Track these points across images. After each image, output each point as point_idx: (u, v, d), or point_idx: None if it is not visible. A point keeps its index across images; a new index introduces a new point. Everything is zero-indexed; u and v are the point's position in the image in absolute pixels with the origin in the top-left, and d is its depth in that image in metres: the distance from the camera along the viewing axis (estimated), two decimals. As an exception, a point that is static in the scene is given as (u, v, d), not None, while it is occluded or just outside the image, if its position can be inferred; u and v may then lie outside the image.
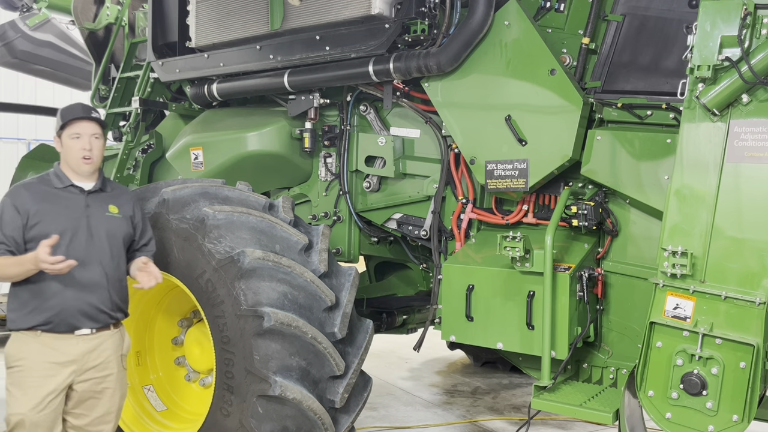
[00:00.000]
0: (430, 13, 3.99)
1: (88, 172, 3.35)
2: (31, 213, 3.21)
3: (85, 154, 3.31)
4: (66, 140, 3.34)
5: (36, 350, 3.19)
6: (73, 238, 3.23)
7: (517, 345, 3.74)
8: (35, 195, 3.28)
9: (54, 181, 3.35)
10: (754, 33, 2.99)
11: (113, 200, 3.43)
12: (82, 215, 3.29)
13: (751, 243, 2.97)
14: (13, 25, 6.97)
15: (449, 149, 4.22)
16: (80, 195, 3.34)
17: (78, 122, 3.32)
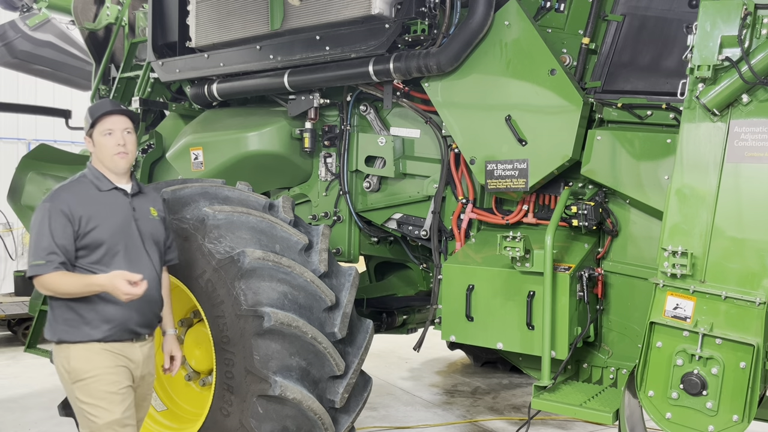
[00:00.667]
0: (430, 13, 3.99)
1: (125, 168, 3.20)
2: (83, 218, 3.03)
3: (120, 150, 3.15)
4: (98, 138, 3.17)
5: (105, 357, 3.06)
6: (128, 244, 3.12)
7: (517, 345, 3.74)
8: (82, 199, 3.09)
9: (96, 183, 3.17)
10: (754, 33, 2.99)
11: (151, 201, 3.34)
12: (131, 219, 3.17)
13: (751, 243, 2.97)
14: (13, 25, 6.97)
15: (449, 149, 4.22)
16: (125, 198, 3.21)
17: (108, 118, 3.17)
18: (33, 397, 6.47)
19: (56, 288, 2.98)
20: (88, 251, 3.04)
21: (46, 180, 6.05)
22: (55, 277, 2.96)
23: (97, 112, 3.18)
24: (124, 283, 2.88)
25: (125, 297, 2.90)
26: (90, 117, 3.18)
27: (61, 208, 3.02)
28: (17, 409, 6.11)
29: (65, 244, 2.99)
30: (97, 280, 2.96)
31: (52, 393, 6.40)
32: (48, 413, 5.79)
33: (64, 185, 3.19)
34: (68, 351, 3.06)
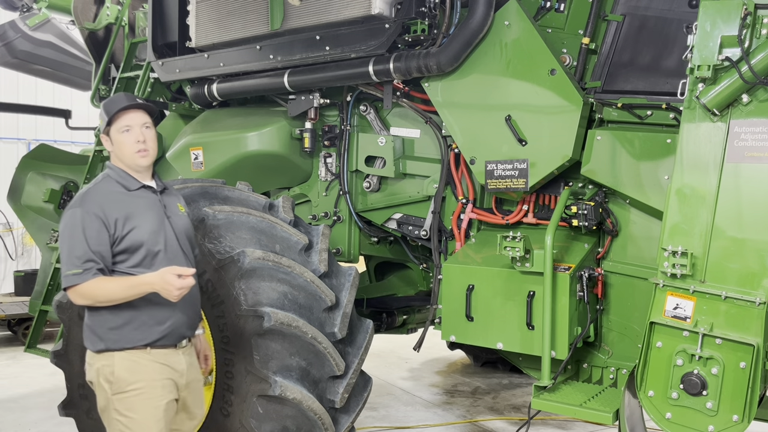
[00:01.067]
0: (430, 13, 3.99)
1: (145, 166, 3.02)
2: (119, 221, 2.87)
3: (140, 147, 2.97)
4: (116, 136, 2.98)
5: (152, 369, 2.90)
6: (167, 243, 2.97)
7: (517, 345, 3.74)
8: (113, 200, 2.92)
9: (123, 183, 3.00)
10: (754, 33, 2.99)
11: (176, 197, 3.20)
12: (164, 217, 3.01)
13: (751, 243, 2.97)
14: (13, 25, 6.98)
15: (449, 149, 4.22)
16: (155, 196, 3.05)
17: (125, 113, 2.98)
18: (33, 397, 6.47)
19: (97, 296, 2.81)
20: (128, 255, 2.88)
21: (46, 180, 6.06)
22: (95, 284, 2.79)
23: (113, 108, 2.98)
24: (174, 277, 2.72)
25: (177, 293, 2.73)
26: (106, 114, 2.99)
27: (95, 212, 2.84)
28: (17, 409, 6.12)
29: (101, 250, 2.82)
30: (144, 279, 2.80)
31: (52, 393, 6.40)
32: (48, 413, 5.79)
33: (91, 188, 2.99)
34: (112, 359, 2.88)
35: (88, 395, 4.14)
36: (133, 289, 2.81)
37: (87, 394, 4.14)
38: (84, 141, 11.32)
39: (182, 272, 2.76)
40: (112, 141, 3.01)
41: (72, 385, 4.22)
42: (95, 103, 6.25)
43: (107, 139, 3.02)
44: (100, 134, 3.10)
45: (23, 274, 9.58)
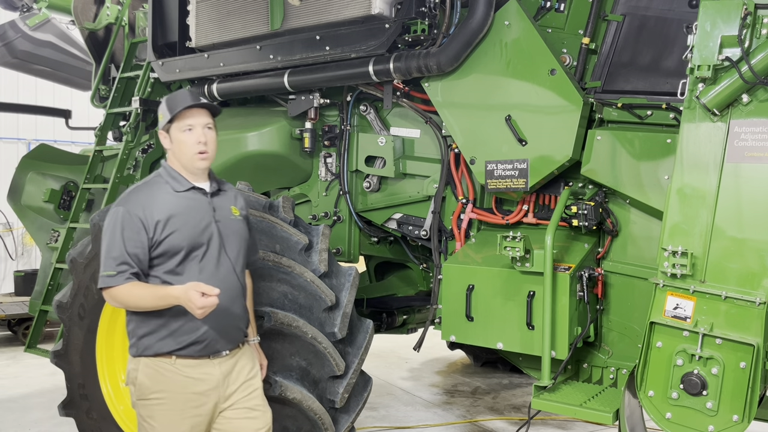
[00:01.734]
0: (430, 13, 3.99)
1: (203, 169, 2.92)
2: (159, 224, 2.76)
3: (200, 148, 2.86)
4: (176, 134, 2.88)
5: (176, 381, 2.82)
6: (207, 251, 2.84)
7: (517, 345, 3.74)
8: (157, 202, 2.82)
9: (172, 183, 2.89)
10: (754, 33, 2.99)
11: (231, 199, 3.05)
12: (212, 221, 2.88)
13: (751, 243, 2.97)
14: (13, 25, 6.98)
15: (449, 149, 4.22)
16: (204, 198, 2.92)
17: (189, 112, 2.86)
18: (33, 397, 6.47)
19: (127, 301, 2.76)
20: (165, 259, 2.78)
21: (46, 180, 6.06)
22: (126, 289, 2.72)
23: (177, 105, 2.86)
24: (197, 296, 2.60)
25: (199, 312, 2.62)
26: (168, 110, 2.87)
27: (136, 213, 2.76)
28: (17, 409, 6.12)
29: (138, 253, 2.74)
30: (171, 291, 2.70)
31: (52, 393, 6.40)
32: (48, 413, 5.79)
33: (137, 186, 2.92)
34: (138, 364, 2.86)
35: (88, 395, 4.14)
36: (161, 300, 2.73)
37: (87, 394, 4.15)
38: (84, 141, 11.32)
39: (206, 291, 2.62)
40: (171, 139, 2.91)
41: (72, 385, 4.23)
42: (95, 103, 6.25)
43: (166, 136, 2.92)
44: (158, 131, 2.99)
45: (23, 274, 9.59)
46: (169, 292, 2.71)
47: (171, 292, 2.70)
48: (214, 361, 2.88)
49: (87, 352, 4.13)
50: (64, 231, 5.61)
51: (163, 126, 2.91)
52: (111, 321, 4.12)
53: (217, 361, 2.89)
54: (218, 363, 2.89)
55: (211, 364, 2.87)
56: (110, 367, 4.16)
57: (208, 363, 2.87)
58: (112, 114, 5.77)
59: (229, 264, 2.90)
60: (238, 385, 2.95)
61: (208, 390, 2.86)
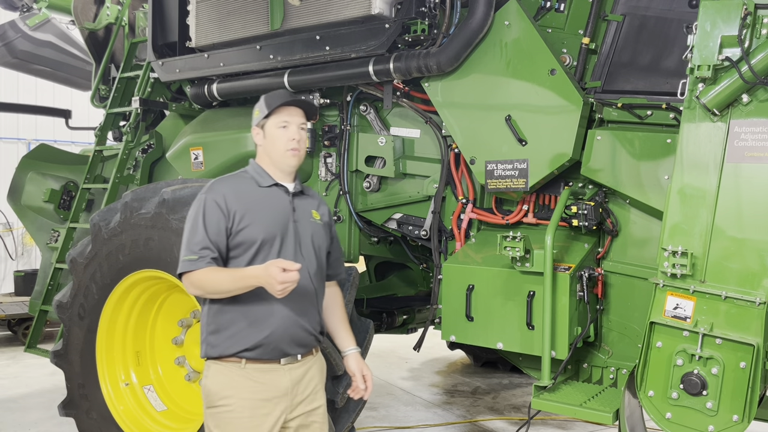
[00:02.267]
0: (430, 13, 3.99)
1: (293, 168, 2.91)
2: (237, 214, 2.77)
3: (293, 146, 2.86)
4: (271, 130, 2.88)
5: (244, 386, 2.74)
6: (282, 246, 2.81)
7: (517, 345, 3.74)
8: (239, 194, 2.82)
9: (257, 178, 2.90)
10: (754, 33, 2.99)
11: (314, 204, 3.02)
12: (290, 220, 2.86)
13: (751, 243, 2.97)
14: (13, 25, 6.98)
15: (449, 149, 4.22)
16: (286, 196, 2.90)
17: (286, 109, 2.89)
18: (33, 397, 6.47)
19: (206, 285, 2.72)
20: (241, 251, 2.77)
21: (46, 180, 6.06)
22: (205, 273, 2.70)
23: (276, 101, 2.89)
24: (278, 270, 2.55)
25: (280, 287, 2.56)
26: (266, 106, 2.89)
27: (217, 201, 2.77)
28: (17, 409, 6.12)
29: (218, 240, 2.74)
30: (249, 271, 2.66)
31: (52, 393, 6.40)
32: (48, 413, 5.80)
33: (222, 178, 2.94)
34: (208, 369, 2.81)
35: (88, 395, 4.15)
36: (239, 281, 2.67)
37: (87, 394, 4.15)
38: (84, 141, 11.32)
39: (288, 266, 2.57)
40: (265, 134, 2.91)
41: (72, 385, 4.23)
42: (95, 103, 6.25)
43: (260, 132, 2.92)
44: (252, 127, 2.97)
45: (23, 274, 9.59)
46: (248, 272, 2.66)
47: (250, 272, 2.65)
48: (285, 366, 2.79)
49: (87, 352, 4.14)
50: (64, 231, 5.61)
51: (258, 122, 2.91)
52: (111, 321, 4.12)
53: (288, 367, 2.80)
54: (288, 369, 2.80)
55: (282, 370, 2.79)
56: (110, 367, 4.16)
57: (278, 368, 2.78)
58: (112, 114, 5.77)
59: (303, 265, 2.78)
60: (305, 396, 2.86)
61: (277, 397, 2.77)
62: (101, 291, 4.07)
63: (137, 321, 4.21)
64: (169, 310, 4.29)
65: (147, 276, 3.93)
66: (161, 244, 3.75)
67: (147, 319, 4.28)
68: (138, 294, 4.11)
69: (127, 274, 3.97)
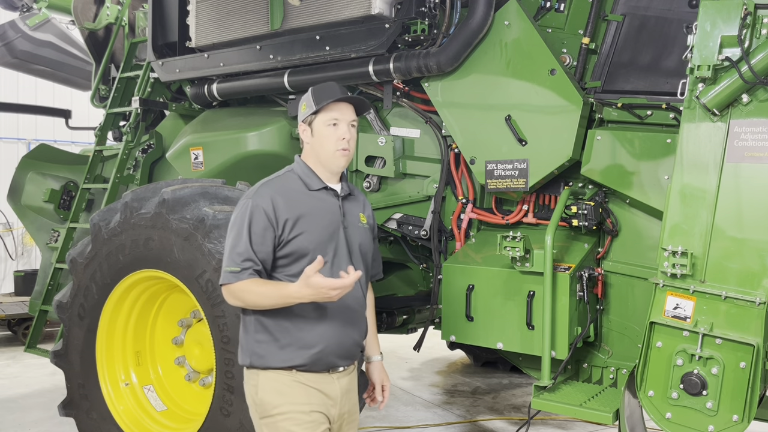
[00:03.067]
0: (430, 13, 3.99)
1: (342, 167, 2.72)
2: (288, 222, 2.58)
3: (343, 146, 2.66)
4: (320, 128, 2.67)
5: (300, 392, 2.60)
6: (336, 255, 2.64)
7: (517, 345, 3.74)
8: (288, 199, 2.62)
9: (305, 180, 2.70)
10: (754, 33, 2.99)
11: (360, 206, 2.85)
12: (340, 226, 2.68)
13: (751, 243, 2.97)
14: (13, 25, 6.97)
15: (449, 149, 4.22)
16: (335, 201, 2.72)
17: (337, 106, 2.67)
18: (33, 397, 6.47)
19: (247, 298, 2.56)
20: (289, 261, 2.59)
21: (46, 180, 6.06)
22: (247, 285, 2.54)
23: (325, 96, 2.66)
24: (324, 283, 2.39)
25: (335, 293, 2.41)
26: (315, 101, 2.67)
27: (264, 208, 2.57)
28: (17, 409, 6.11)
29: (263, 250, 2.56)
30: (296, 293, 2.46)
31: (52, 393, 6.40)
32: (48, 413, 5.79)
33: (269, 180, 2.71)
34: (257, 379, 2.64)
35: (88, 395, 4.15)
36: (284, 299, 2.51)
37: (87, 394, 4.15)
38: (84, 141, 11.32)
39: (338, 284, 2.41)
40: (312, 132, 2.70)
41: (72, 385, 4.23)
42: (95, 103, 6.25)
43: (307, 129, 2.72)
44: (298, 123, 2.78)
45: (23, 274, 9.59)
46: (293, 293, 2.47)
47: (296, 293, 2.46)
48: (333, 375, 2.68)
49: (87, 352, 4.14)
50: (64, 231, 5.61)
51: (305, 117, 2.71)
52: (111, 321, 4.12)
53: (336, 376, 2.69)
54: (337, 378, 2.69)
55: (331, 379, 2.67)
56: (110, 367, 4.16)
57: (327, 378, 2.66)
58: (112, 114, 5.77)
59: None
60: (348, 407, 2.76)
61: (330, 404, 2.66)
62: (101, 291, 4.07)
63: (137, 321, 4.21)
64: (169, 310, 4.29)
65: (147, 276, 3.93)
66: (161, 244, 3.75)
67: (147, 319, 4.28)
68: (138, 294, 4.11)
69: (127, 274, 3.97)
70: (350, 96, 2.70)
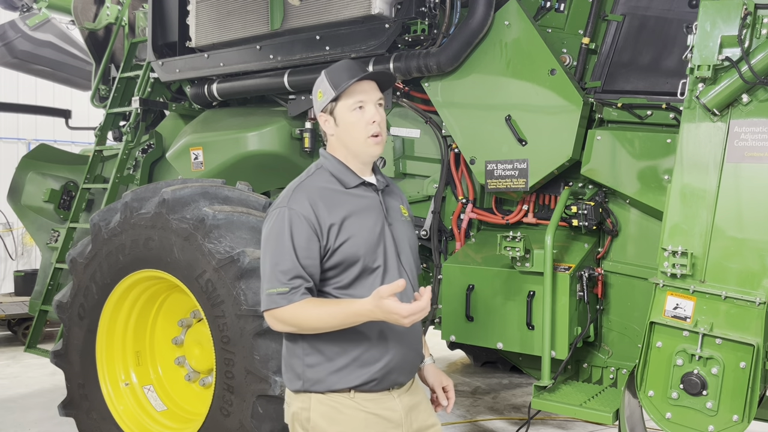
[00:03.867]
0: (430, 13, 3.99)
1: (376, 156, 2.42)
2: (332, 228, 2.27)
3: (374, 130, 2.35)
4: (344, 115, 2.36)
5: (357, 419, 2.31)
6: (387, 259, 2.36)
7: (517, 345, 3.74)
8: (328, 201, 2.31)
9: (340, 178, 2.39)
10: (754, 33, 2.99)
11: (398, 198, 2.56)
12: (384, 224, 2.39)
13: (751, 243, 2.97)
14: (13, 25, 6.98)
15: (449, 149, 4.22)
16: (375, 196, 2.43)
17: (359, 86, 2.35)
18: (33, 397, 6.47)
19: (302, 322, 2.24)
20: (338, 271, 2.30)
21: (46, 180, 6.07)
22: (301, 308, 2.22)
23: (344, 77, 2.33)
24: (396, 305, 2.11)
25: (408, 321, 2.13)
26: (332, 86, 2.35)
27: (305, 215, 2.26)
28: (17, 409, 6.11)
29: (312, 264, 2.25)
30: (363, 311, 2.17)
31: (52, 393, 6.40)
32: (48, 413, 5.79)
33: (301, 183, 2.38)
34: (309, 402, 2.34)
35: (88, 395, 4.15)
36: (349, 318, 2.21)
37: (87, 394, 4.15)
38: (84, 141, 11.33)
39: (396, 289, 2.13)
40: (336, 121, 2.38)
41: (72, 385, 4.23)
42: (95, 103, 6.25)
43: (329, 119, 2.40)
44: (316, 114, 2.48)
45: (23, 274, 9.59)
46: (358, 311, 2.18)
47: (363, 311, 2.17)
48: (394, 393, 2.40)
49: (87, 352, 4.14)
50: (64, 231, 5.61)
51: (324, 106, 2.40)
52: (111, 321, 4.12)
53: (397, 393, 2.41)
54: (398, 395, 2.41)
55: (391, 398, 2.39)
56: (110, 367, 4.16)
57: (388, 397, 2.38)
58: (112, 114, 5.78)
59: (405, 275, 2.41)
60: (419, 424, 2.47)
61: (391, 426, 2.38)
62: (101, 291, 4.07)
63: (137, 321, 4.21)
64: (169, 310, 4.29)
65: (147, 276, 3.93)
66: (161, 244, 3.75)
67: (147, 319, 4.28)
68: (138, 294, 4.11)
69: (127, 274, 3.97)
70: (373, 73, 2.40)
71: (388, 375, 2.35)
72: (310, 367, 2.33)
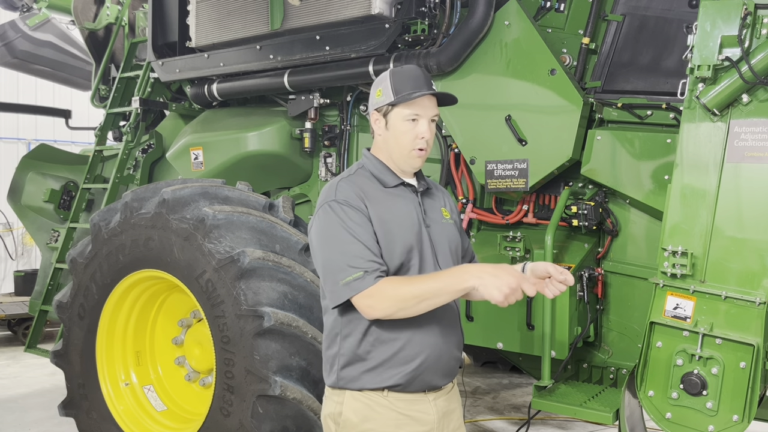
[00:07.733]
0: (430, 13, 3.99)
1: (416, 169, 2.46)
2: (374, 222, 2.30)
3: (421, 145, 2.37)
4: (396, 122, 2.37)
5: (389, 419, 2.32)
6: (422, 260, 2.36)
7: (517, 345, 3.74)
8: (371, 197, 2.34)
9: (380, 177, 2.42)
10: (754, 33, 2.99)
11: (441, 201, 2.57)
12: (422, 226, 2.40)
13: (751, 243, 2.97)
14: (13, 25, 6.98)
15: (449, 149, 4.22)
16: (414, 197, 2.45)
17: (419, 99, 2.36)
18: (33, 397, 6.47)
19: (402, 294, 2.20)
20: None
21: (46, 180, 6.07)
22: (389, 286, 2.19)
23: (407, 87, 2.35)
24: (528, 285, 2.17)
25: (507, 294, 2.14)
26: (394, 92, 2.36)
27: (355, 205, 2.29)
28: (17, 409, 6.11)
29: (375, 247, 2.26)
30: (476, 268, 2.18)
31: (52, 393, 6.40)
32: (48, 413, 5.79)
33: (342, 180, 2.39)
34: (342, 397, 2.36)
35: (88, 395, 4.15)
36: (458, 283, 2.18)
37: (87, 394, 4.15)
38: (84, 141, 11.33)
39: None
40: (387, 125, 2.40)
41: (72, 385, 4.23)
42: (95, 103, 6.26)
43: (380, 119, 2.42)
44: (371, 110, 2.47)
45: (23, 274, 9.60)
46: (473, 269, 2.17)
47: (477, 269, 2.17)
48: (429, 396, 2.41)
49: (87, 352, 4.14)
50: (64, 231, 5.62)
51: (380, 105, 2.40)
52: (111, 321, 4.12)
53: (432, 396, 2.41)
54: (433, 399, 2.41)
55: (426, 400, 2.39)
56: (110, 367, 4.16)
57: (423, 399, 2.38)
58: (112, 114, 5.78)
59: None
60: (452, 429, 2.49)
61: (423, 431, 2.38)
62: (101, 291, 4.07)
63: (137, 321, 4.21)
64: (169, 310, 4.29)
65: (147, 276, 3.93)
66: (161, 244, 3.75)
67: (147, 319, 4.28)
68: (138, 294, 4.11)
69: (127, 274, 3.97)
70: (435, 91, 2.38)
71: (421, 376, 2.35)
72: (345, 366, 2.35)
